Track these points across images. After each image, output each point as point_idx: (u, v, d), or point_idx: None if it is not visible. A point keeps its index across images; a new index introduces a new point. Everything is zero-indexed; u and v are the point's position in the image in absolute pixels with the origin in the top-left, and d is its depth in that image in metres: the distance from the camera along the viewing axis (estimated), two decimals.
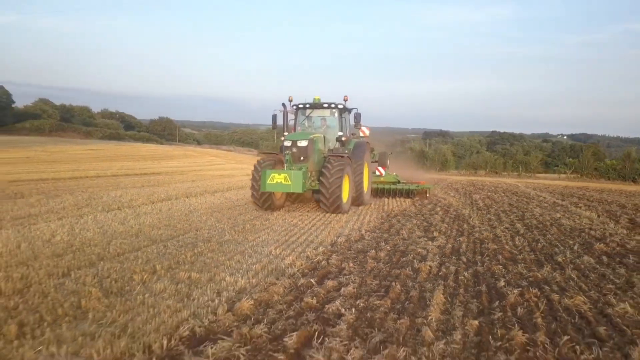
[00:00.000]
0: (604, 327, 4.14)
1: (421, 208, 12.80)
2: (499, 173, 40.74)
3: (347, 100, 13.12)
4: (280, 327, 3.90)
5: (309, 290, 4.91)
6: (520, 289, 5.24)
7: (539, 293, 5.11)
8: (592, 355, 3.59)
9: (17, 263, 5.60)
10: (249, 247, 6.96)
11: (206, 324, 3.88)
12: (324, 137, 12.88)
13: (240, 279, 5.16)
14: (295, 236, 8.10)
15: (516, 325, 4.10)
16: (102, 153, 46.33)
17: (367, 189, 13.86)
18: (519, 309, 4.57)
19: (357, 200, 12.93)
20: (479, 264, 6.51)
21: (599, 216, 12.01)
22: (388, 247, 7.33)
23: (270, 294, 4.70)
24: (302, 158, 11.79)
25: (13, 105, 68.85)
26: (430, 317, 4.24)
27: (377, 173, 16.28)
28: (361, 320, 4.16)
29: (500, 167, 42.10)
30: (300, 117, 13.57)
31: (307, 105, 13.39)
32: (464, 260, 6.69)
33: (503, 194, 18.61)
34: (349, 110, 13.47)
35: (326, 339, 3.69)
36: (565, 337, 3.85)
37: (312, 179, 11.83)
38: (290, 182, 10.90)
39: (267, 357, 3.37)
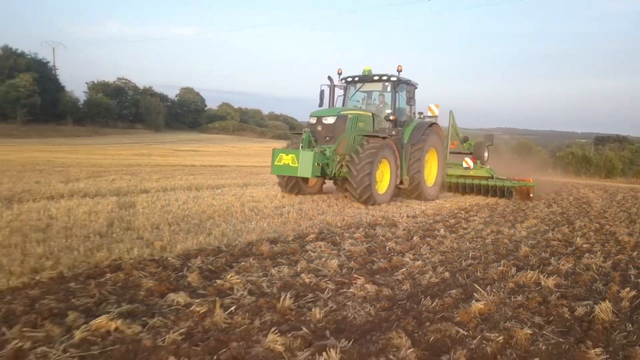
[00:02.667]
0: (622, 237, 8.25)
1: (555, 196, 16.27)
2: None
3: (401, 70, 11.60)
4: (445, 218, 8.97)
5: (459, 214, 9.83)
6: (588, 222, 9.37)
7: (598, 225, 9.19)
8: (601, 248, 7.85)
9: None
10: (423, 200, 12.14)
11: (411, 215, 9.15)
12: (373, 115, 11.61)
13: (423, 207, 10.39)
14: (450, 197, 12.99)
15: (567, 229, 8.45)
16: None
17: (433, 181, 12.66)
18: (577, 227, 8.83)
19: (412, 192, 11.79)
20: (574, 217, 10.56)
21: None
22: (514, 207, 11.73)
23: (440, 212, 9.80)
24: (327, 138, 10.65)
25: (205, 109, 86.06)
26: (523, 224, 8.82)
27: (465, 165, 14.82)
28: (486, 221, 8.97)
29: None
30: (350, 92, 12.45)
31: (356, 79, 12.20)
32: (565, 216, 10.79)
33: None
34: (407, 84, 11.90)
35: (467, 222, 8.64)
36: (592, 234, 8.13)
37: (342, 163, 10.41)
38: (297, 165, 9.80)
39: (445, 222, 8.45)
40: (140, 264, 4.41)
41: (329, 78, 12.21)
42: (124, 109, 72.35)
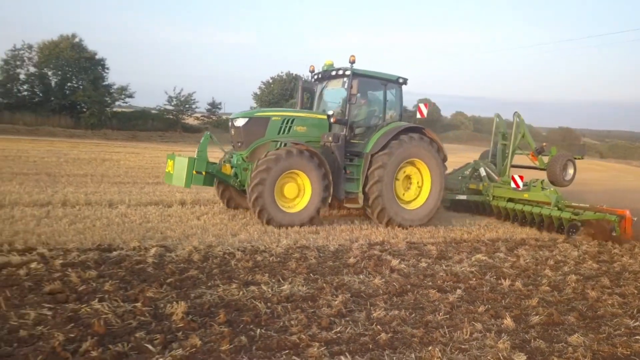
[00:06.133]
0: None
1: None
2: None
3: (354, 61, 9.92)
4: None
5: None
6: None
7: None
8: None
9: None
10: None
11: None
12: (329, 117, 10.16)
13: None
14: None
15: None
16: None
17: (421, 203, 10.78)
18: None
19: (372, 212, 10.15)
20: None
21: None
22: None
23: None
24: (239, 143, 9.81)
25: (440, 118, 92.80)
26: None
27: (513, 185, 11.92)
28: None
29: None
30: (320, 91, 11.37)
31: (320, 76, 11.08)
32: None
33: None
34: (363, 77, 10.33)
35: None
36: None
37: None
38: (173, 172, 8.98)
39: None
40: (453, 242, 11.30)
41: (296, 77, 12.36)
42: None
